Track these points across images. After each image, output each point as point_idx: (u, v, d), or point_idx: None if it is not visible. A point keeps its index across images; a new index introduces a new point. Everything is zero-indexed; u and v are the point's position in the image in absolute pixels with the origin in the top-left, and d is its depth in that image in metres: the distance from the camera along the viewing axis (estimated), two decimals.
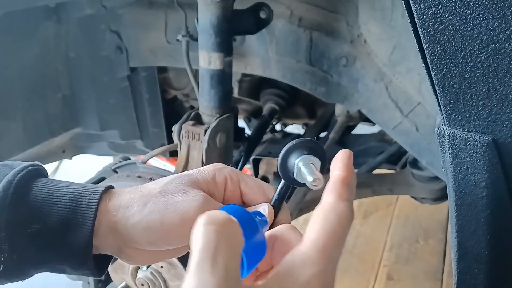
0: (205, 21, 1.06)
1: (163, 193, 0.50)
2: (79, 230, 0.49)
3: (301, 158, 0.51)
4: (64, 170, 2.85)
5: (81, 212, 0.49)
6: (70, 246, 0.49)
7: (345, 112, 1.46)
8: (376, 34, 1.10)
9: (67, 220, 0.49)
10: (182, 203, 0.49)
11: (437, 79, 0.50)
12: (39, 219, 0.48)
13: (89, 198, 0.50)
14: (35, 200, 0.49)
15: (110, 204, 0.50)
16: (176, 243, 0.51)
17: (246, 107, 1.77)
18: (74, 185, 0.52)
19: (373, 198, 1.68)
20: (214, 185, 0.53)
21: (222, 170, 0.54)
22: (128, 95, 1.49)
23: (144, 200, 0.50)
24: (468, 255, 0.61)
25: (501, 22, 0.44)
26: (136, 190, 0.52)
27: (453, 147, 0.54)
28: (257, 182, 0.55)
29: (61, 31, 1.38)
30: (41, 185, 0.50)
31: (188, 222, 0.48)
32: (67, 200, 0.49)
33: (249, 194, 0.55)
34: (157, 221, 0.49)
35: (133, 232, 0.49)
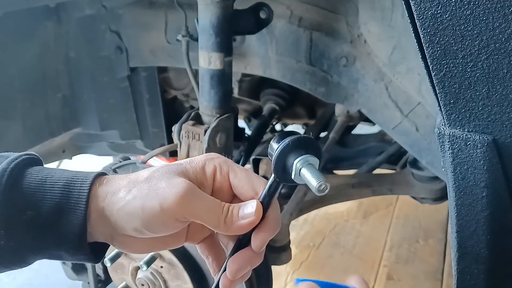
0: (205, 21, 1.06)
1: (149, 179, 0.51)
2: (72, 215, 0.49)
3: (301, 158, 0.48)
4: None
5: (73, 197, 0.49)
6: (64, 231, 0.49)
7: (345, 112, 1.46)
8: (376, 34, 1.10)
9: (60, 206, 0.49)
10: (163, 189, 0.49)
11: (437, 79, 0.50)
12: (33, 205, 0.49)
13: (81, 184, 0.50)
14: (29, 186, 0.49)
15: (100, 189, 0.50)
16: (158, 230, 0.51)
17: (246, 107, 1.77)
18: (67, 171, 0.52)
19: (373, 198, 1.68)
20: (203, 175, 0.53)
21: (212, 160, 0.54)
22: (128, 95, 1.49)
23: (130, 186, 0.50)
24: (468, 255, 0.61)
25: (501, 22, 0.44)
26: (126, 176, 0.52)
27: (453, 147, 0.54)
28: (247, 174, 0.54)
29: (61, 31, 1.38)
30: (34, 172, 0.51)
31: (167, 209, 0.48)
32: (60, 186, 0.50)
33: (237, 186, 0.53)
34: (138, 207, 0.49)
35: (118, 218, 0.50)
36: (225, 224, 0.51)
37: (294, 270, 1.90)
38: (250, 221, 0.51)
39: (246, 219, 0.51)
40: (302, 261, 1.96)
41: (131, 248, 0.54)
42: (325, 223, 2.18)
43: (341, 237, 2.10)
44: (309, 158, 0.49)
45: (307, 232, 2.13)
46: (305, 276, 1.88)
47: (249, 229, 0.52)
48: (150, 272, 1.09)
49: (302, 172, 0.48)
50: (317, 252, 2.01)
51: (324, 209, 2.04)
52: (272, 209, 0.53)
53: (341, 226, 2.17)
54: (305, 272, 1.90)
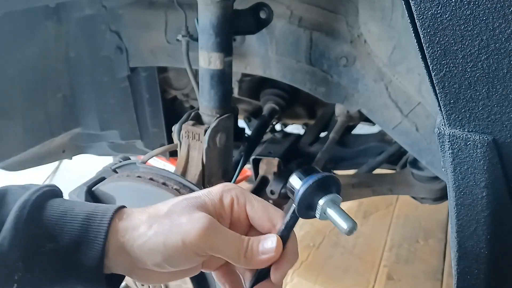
0: (205, 21, 1.06)
1: (169, 214, 0.51)
2: (91, 249, 0.49)
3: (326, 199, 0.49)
4: (64, 170, 2.85)
5: (92, 231, 0.50)
6: (82, 265, 0.50)
7: (345, 112, 1.46)
8: (376, 34, 1.10)
9: (79, 239, 0.50)
10: (185, 224, 0.49)
11: (437, 79, 0.50)
12: (52, 238, 0.49)
13: (101, 218, 0.51)
14: (50, 219, 0.50)
15: (120, 224, 0.51)
16: (179, 265, 0.51)
17: (246, 107, 1.77)
18: (87, 205, 0.53)
19: (373, 198, 1.67)
20: (221, 207, 0.54)
21: (230, 192, 0.54)
22: (128, 95, 1.49)
23: (150, 222, 0.51)
24: (468, 255, 0.61)
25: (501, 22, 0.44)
26: (145, 211, 0.53)
27: (453, 147, 0.54)
28: (264, 205, 0.54)
29: (61, 31, 1.38)
30: (55, 205, 0.51)
31: (189, 245, 0.49)
32: (79, 220, 0.50)
33: (254, 217, 0.54)
34: (160, 243, 0.49)
35: (139, 253, 0.50)
36: (245, 258, 0.52)
37: (294, 270, 1.90)
38: (270, 257, 0.52)
39: (266, 255, 0.52)
40: (302, 261, 1.96)
41: (150, 281, 0.55)
42: (325, 223, 2.17)
43: (341, 237, 2.09)
44: (333, 197, 0.50)
45: (307, 232, 2.13)
46: (305, 276, 1.88)
47: (269, 264, 0.53)
48: None
49: (328, 212, 0.49)
50: (317, 252, 2.01)
51: None
52: (291, 242, 0.53)
53: None
54: (305, 272, 1.90)
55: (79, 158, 1.72)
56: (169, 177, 1.01)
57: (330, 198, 0.50)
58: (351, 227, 0.47)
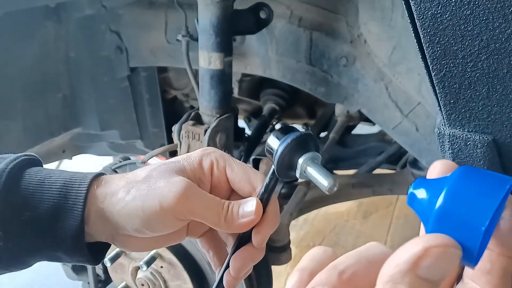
0: (205, 21, 1.06)
1: (147, 179, 0.50)
2: (70, 216, 0.49)
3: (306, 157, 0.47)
4: None
5: (71, 198, 0.49)
6: (62, 232, 0.49)
7: (345, 112, 1.46)
8: (376, 34, 1.10)
9: (58, 207, 0.49)
10: (162, 188, 0.49)
11: (437, 79, 0.50)
12: (31, 206, 0.48)
13: (79, 185, 0.50)
14: (27, 187, 0.49)
15: (98, 191, 0.50)
16: (159, 229, 0.50)
17: (246, 107, 1.77)
18: (65, 172, 0.52)
19: (373, 198, 1.67)
20: (200, 171, 0.52)
21: (209, 155, 0.53)
22: (128, 95, 1.49)
23: (128, 187, 0.50)
24: None
25: (501, 22, 0.44)
26: (123, 176, 0.52)
27: (453, 147, 0.54)
28: (244, 168, 0.53)
29: (61, 31, 1.38)
30: (33, 173, 0.50)
31: (167, 208, 0.48)
32: (57, 187, 0.49)
33: (234, 180, 0.53)
34: (138, 208, 0.48)
35: (118, 218, 0.49)
36: (225, 222, 0.50)
37: None
38: (250, 220, 0.50)
39: (246, 218, 0.50)
40: None
41: (132, 247, 0.54)
42: (325, 223, 2.18)
43: (341, 237, 2.10)
44: (313, 155, 0.48)
45: (307, 232, 2.13)
46: None
47: (250, 227, 0.52)
48: (150, 272, 1.09)
49: (308, 171, 0.47)
50: None
51: (324, 209, 2.04)
52: (271, 205, 0.52)
53: (341, 226, 2.17)
54: None
55: (79, 158, 1.72)
56: None
57: (309, 156, 0.47)
58: (331, 184, 0.45)
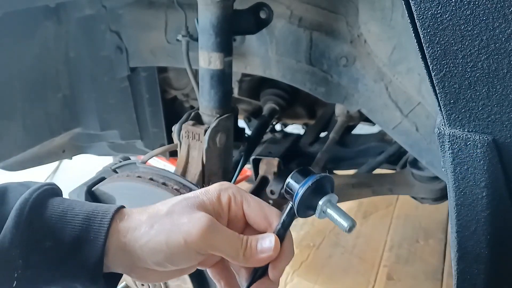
0: (205, 21, 1.06)
1: (170, 214, 0.52)
2: (91, 248, 0.50)
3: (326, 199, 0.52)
4: (64, 170, 2.85)
5: (93, 231, 0.50)
6: (82, 264, 0.50)
7: (345, 112, 1.46)
8: (376, 34, 1.10)
9: (79, 238, 0.50)
10: (187, 224, 0.50)
11: (437, 79, 0.50)
12: (53, 237, 0.50)
13: (102, 218, 0.51)
14: (50, 218, 0.50)
15: (121, 225, 0.52)
16: (181, 263, 0.52)
17: (246, 107, 1.77)
18: (87, 204, 0.53)
19: (373, 198, 1.67)
20: (219, 206, 0.55)
21: (227, 190, 0.55)
22: (128, 95, 1.49)
23: (151, 222, 0.51)
24: (468, 255, 0.61)
25: (501, 22, 0.44)
26: (145, 211, 0.53)
27: (453, 147, 0.54)
28: (259, 204, 0.56)
29: (61, 31, 1.38)
30: (56, 203, 0.52)
31: (191, 243, 0.50)
32: (80, 219, 0.51)
33: (251, 216, 0.55)
34: (162, 242, 0.50)
35: (141, 253, 0.51)
36: (244, 257, 0.53)
37: (294, 270, 1.90)
38: (268, 256, 0.53)
39: (265, 254, 0.53)
40: (302, 261, 1.96)
41: (148, 279, 0.56)
42: (325, 223, 2.18)
43: (341, 237, 2.10)
44: (331, 197, 0.52)
45: (307, 232, 2.13)
46: (305, 276, 1.88)
47: (267, 262, 0.54)
48: None
49: (328, 212, 0.52)
50: (317, 252, 2.01)
51: None
52: (287, 240, 0.55)
53: None
54: (305, 272, 1.90)
55: (79, 158, 1.72)
56: (169, 177, 1.01)
57: (328, 199, 0.52)
58: (351, 225, 0.50)
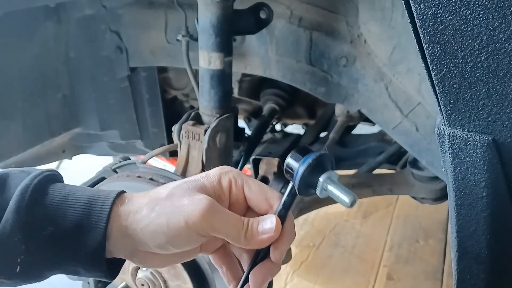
0: (205, 21, 1.06)
1: (170, 196, 0.52)
2: (92, 233, 0.50)
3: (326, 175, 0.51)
4: (64, 170, 2.85)
5: (94, 215, 0.51)
6: (83, 248, 0.51)
7: (345, 112, 1.46)
8: (376, 34, 1.10)
9: (81, 223, 0.50)
10: (188, 206, 0.50)
11: (437, 79, 0.50)
12: (54, 222, 0.50)
13: (103, 203, 0.52)
14: (51, 203, 0.51)
15: (122, 209, 0.52)
16: (182, 245, 0.52)
17: (246, 107, 1.77)
18: (88, 190, 0.54)
19: (373, 198, 1.67)
20: (220, 189, 0.55)
21: (227, 174, 0.55)
22: (128, 95, 1.49)
23: (152, 205, 0.52)
24: (468, 255, 0.61)
25: (501, 22, 0.44)
26: (146, 195, 0.54)
27: (453, 147, 0.54)
28: (260, 187, 0.56)
29: (61, 31, 1.38)
30: (57, 189, 0.52)
31: (192, 225, 0.50)
32: (81, 204, 0.51)
33: (252, 198, 0.55)
34: (163, 225, 0.50)
35: (142, 236, 0.51)
36: (245, 238, 0.53)
37: (294, 270, 1.90)
38: (270, 236, 0.53)
39: (266, 234, 0.53)
40: (302, 261, 1.96)
41: (150, 264, 0.56)
42: (325, 223, 2.18)
43: (341, 237, 2.10)
44: (332, 174, 0.52)
45: (307, 232, 2.13)
46: (305, 276, 1.88)
47: (269, 244, 0.54)
48: (150, 272, 1.09)
49: (329, 189, 0.51)
50: (317, 252, 2.01)
51: (324, 209, 2.04)
52: (288, 221, 0.55)
53: (341, 226, 2.17)
54: (305, 272, 1.90)
55: (79, 158, 1.72)
56: (169, 177, 1.01)
57: (329, 175, 0.51)
58: (352, 200, 0.49)
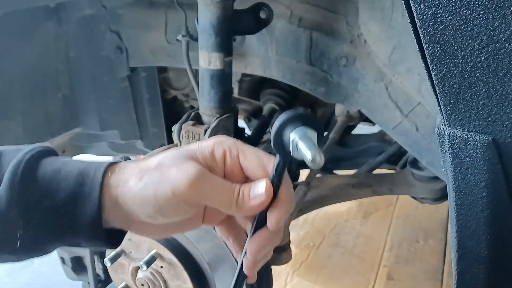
0: (205, 21, 1.06)
1: (159, 166, 0.51)
2: (87, 203, 0.50)
3: (296, 131, 0.47)
4: None
5: (87, 185, 0.51)
6: (80, 219, 0.51)
7: (345, 112, 1.46)
8: (376, 34, 1.10)
9: (75, 194, 0.51)
10: (175, 175, 0.50)
11: (437, 79, 0.50)
12: (48, 195, 0.50)
13: (94, 172, 0.52)
14: (44, 177, 0.51)
15: (112, 178, 0.52)
16: (172, 215, 0.52)
17: (246, 107, 1.77)
18: (80, 162, 0.54)
19: (373, 198, 1.67)
20: (212, 160, 0.53)
21: (221, 144, 0.54)
22: (128, 95, 1.49)
23: (141, 174, 0.51)
24: (468, 255, 0.61)
25: (501, 22, 0.44)
26: (136, 164, 0.53)
27: (453, 147, 0.54)
28: (257, 155, 0.53)
29: (61, 31, 1.38)
30: (49, 163, 0.52)
31: (179, 195, 0.49)
32: (73, 176, 0.51)
33: (248, 167, 0.53)
34: (150, 195, 0.50)
35: (131, 205, 0.51)
36: (237, 205, 0.51)
37: (294, 270, 1.90)
38: (261, 201, 0.51)
39: (257, 199, 0.51)
40: (302, 261, 1.96)
41: (147, 233, 0.56)
42: (325, 223, 2.18)
43: (341, 237, 2.10)
44: (305, 130, 0.47)
45: (307, 232, 2.13)
46: (305, 276, 1.88)
47: (261, 209, 0.52)
48: (150, 272, 1.09)
49: (298, 146, 0.46)
50: (317, 252, 2.01)
51: (324, 209, 2.03)
52: (284, 187, 0.52)
53: (341, 226, 2.17)
54: (305, 272, 1.90)
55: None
56: None
57: (300, 131, 0.47)
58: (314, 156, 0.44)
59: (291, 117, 0.47)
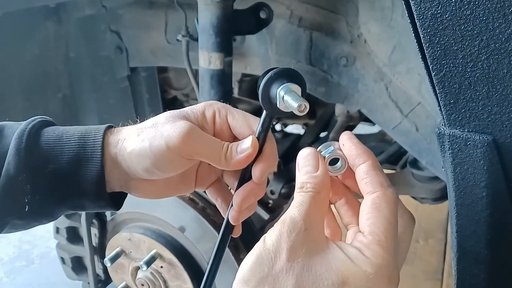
0: (205, 21, 1.06)
1: (155, 124, 0.56)
2: (90, 164, 0.54)
3: (282, 86, 0.51)
4: None
5: (89, 147, 0.55)
6: (84, 180, 0.54)
7: (345, 112, 1.46)
8: (376, 34, 1.10)
9: (78, 157, 0.54)
10: (168, 130, 0.54)
11: (437, 79, 0.50)
12: (53, 159, 0.54)
13: (95, 134, 0.56)
14: (47, 143, 0.55)
15: (112, 137, 0.56)
16: (167, 168, 0.55)
17: (246, 107, 1.77)
18: (80, 127, 0.58)
19: None
20: (203, 119, 0.58)
21: (211, 106, 0.59)
22: (128, 95, 1.50)
23: (138, 132, 0.56)
24: (468, 255, 0.61)
25: (501, 22, 0.44)
26: (133, 126, 0.58)
27: (453, 147, 0.54)
28: (244, 115, 0.58)
29: (61, 31, 1.38)
30: (51, 130, 0.57)
31: (173, 147, 0.53)
32: (75, 139, 0.55)
33: (236, 127, 0.58)
34: (146, 148, 0.54)
35: (129, 160, 0.55)
36: (225, 160, 0.55)
37: None
38: (247, 154, 0.55)
39: (244, 153, 0.55)
40: None
41: (144, 192, 0.59)
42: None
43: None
44: (290, 85, 0.51)
45: None
46: None
47: (248, 163, 0.56)
48: (150, 272, 1.09)
49: (285, 99, 0.51)
50: None
51: None
52: (268, 142, 0.57)
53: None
54: None
55: None
56: None
57: (286, 85, 0.51)
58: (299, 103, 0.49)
59: (277, 73, 0.51)
